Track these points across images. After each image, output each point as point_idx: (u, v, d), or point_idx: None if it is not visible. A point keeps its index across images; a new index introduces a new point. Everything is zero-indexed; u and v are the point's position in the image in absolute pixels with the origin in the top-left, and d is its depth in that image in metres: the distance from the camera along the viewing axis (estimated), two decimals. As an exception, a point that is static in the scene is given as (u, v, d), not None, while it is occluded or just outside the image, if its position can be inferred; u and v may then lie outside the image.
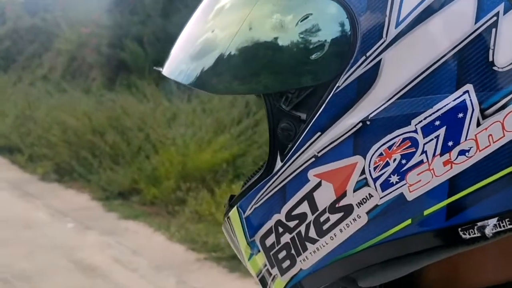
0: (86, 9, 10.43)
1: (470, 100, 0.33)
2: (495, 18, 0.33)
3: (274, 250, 0.40)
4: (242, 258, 0.44)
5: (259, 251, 0.41)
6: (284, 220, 0.38)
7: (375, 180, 0.35)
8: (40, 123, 8.11)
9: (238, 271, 4.63)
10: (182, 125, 6.52)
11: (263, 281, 0.43)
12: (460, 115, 0.33)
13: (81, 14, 10.41)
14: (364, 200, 0.35)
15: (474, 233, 0.33)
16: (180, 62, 0.43)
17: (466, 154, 0.33)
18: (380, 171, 0.34)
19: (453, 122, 0.33)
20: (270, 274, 0.41)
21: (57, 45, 10.90)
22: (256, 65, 0.37)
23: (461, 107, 0.33)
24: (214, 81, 0.40)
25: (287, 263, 0.39)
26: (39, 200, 6.49)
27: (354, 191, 0.35)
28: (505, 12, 0.33)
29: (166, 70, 0.44)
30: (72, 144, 7.58)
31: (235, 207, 0.42)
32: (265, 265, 0.41)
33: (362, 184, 0.35)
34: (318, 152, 0.36)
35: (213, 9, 0.41)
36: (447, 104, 0.33)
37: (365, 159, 0.34)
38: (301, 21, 0.36)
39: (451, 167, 0.33)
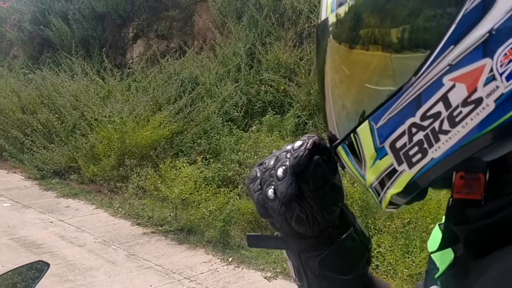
0: (5, -18, 9.84)
1: None
2: None
3: (405, 149, 0.50)
4: (364, 168, 0.54)
5: (385, 154, 0.51)
6: (418, 121, 0.48)
7: (501, 74, 0.43)
8: (-39, 102, 7.67)
9: (186, 243, 4.69)
10: (118, 103, 6.41)
11: (381, 183, 0.53)
12: None
13: (-1, -12, 9.83)
14: (492, 92, 0.43)
15: None
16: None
17: None
18: (505, 67, 0.43)
19: None
20: (395, 172, 0.51)
21: (-28, 20, 10.26)
22: None
23: None
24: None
25: (417, 156, 0.49)
26: (-33, 181, 6.22)
27: (484, 85, 0.44)
28: None
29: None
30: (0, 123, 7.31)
31: (367, 121, 0.52)
32: (390, 166, 0.51)
33: (490, 79, 0.43)
34: (452, 61, 0.45)
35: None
36: None
37: (492, 60, 0.43)
38: None
39: None
